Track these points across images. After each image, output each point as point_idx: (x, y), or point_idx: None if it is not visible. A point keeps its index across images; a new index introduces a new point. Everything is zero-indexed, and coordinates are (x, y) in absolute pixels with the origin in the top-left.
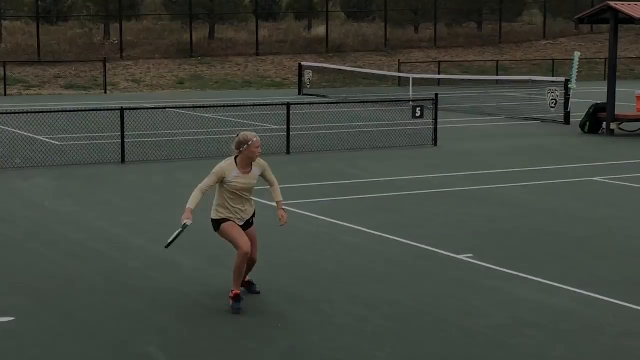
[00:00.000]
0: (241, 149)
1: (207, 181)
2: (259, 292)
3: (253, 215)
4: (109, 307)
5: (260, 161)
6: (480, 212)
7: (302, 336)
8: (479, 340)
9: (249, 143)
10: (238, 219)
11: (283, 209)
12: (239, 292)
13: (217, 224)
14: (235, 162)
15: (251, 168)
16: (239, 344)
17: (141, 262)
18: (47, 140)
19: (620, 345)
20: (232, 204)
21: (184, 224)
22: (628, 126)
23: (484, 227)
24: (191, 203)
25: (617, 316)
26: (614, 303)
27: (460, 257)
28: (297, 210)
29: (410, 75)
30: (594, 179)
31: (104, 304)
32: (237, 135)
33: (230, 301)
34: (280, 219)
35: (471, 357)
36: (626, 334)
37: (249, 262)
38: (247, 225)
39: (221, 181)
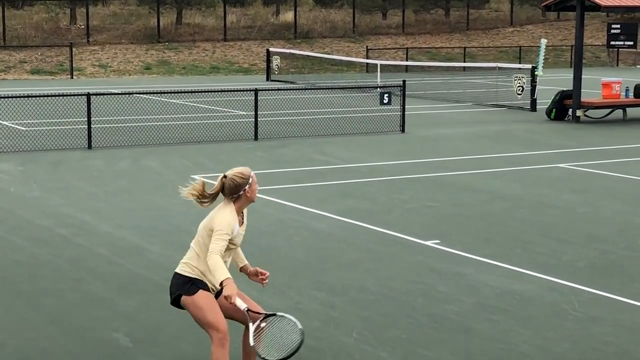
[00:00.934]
0: (241, 193)
1: (223, 244)
2: None
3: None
4: (76, 293)
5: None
6: (447, 199)
7: None
8: (446, 325)
9: (250, 181)
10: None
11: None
12: None
13: (193, 285)
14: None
15: (243, 214)
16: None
17: (108, 248)
18: (13, 125)
19: (584, 331)
20: None
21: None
22: (594, 113)
23: (451, 214)
24: (225, 271)
25: (582, 302)
26: (578, 289)
27: (427, 243)
28: (265, 197)
29: (378, 62)
30: (560, 165)
31: (71, 290)
32: (224, 178)
33: None
34: (262, 277)
35: (437, 342)
36: (590, 319)
37: (248, 349)
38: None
39: None
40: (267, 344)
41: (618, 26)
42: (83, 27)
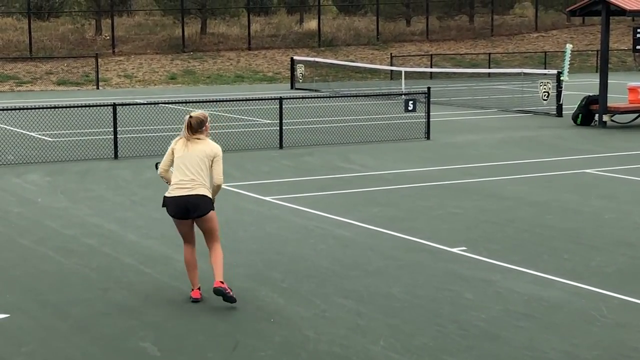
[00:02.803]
0: (203, 128)
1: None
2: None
3: None
4: (103, 302)
5: None
6: (473, 205)
7: (296, 330)
8: (473, 332)
9: (208, 119)
10: None
11: None
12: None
13: (212, 205)
14: None
15: None
16: (233, 338)
17: (135, 257)
18: (40, 136)
19: (613, 337)
20: None
21: None
22: (620, 118)
23: (477, 220)
24: None
25: (610, 308)
26: (607, 295)
27: (454, 250)
28: (291, 205)
29: (403, 69)
30: (587, 171)
31: (98, 299)
32: (190, 117)
33: (229, 291)
34: None
35: (465, 349)
36: (619, 325)
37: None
38: None
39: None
40: None
41: None
42: (108, 37)
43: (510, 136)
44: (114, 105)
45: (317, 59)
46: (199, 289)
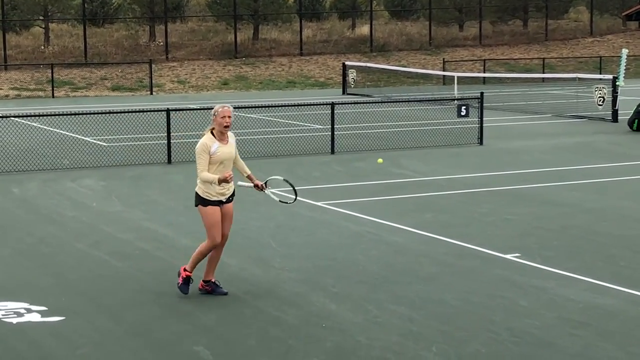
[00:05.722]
0: (212, 120)
1: (203, 161)
2: (226, 293)
3: (233, 193)
4: (157, 306)
5: (231, 133)
6: (527, 211)
7: (348, 336)
8: (526, 339)
9: (216, 113)
10: (221, 194)
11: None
12: (191, 274)
13: (199, 200)
14: (213, 135)
15: (227, 138)
16: (285, 343)
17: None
18: (95, 141)
19: None
20: None
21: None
22: None
23: (531, 226)
24: (212, 175)
25: None
26: None
27: (507, 256)
28: (342, 210)
29: (455, 74)
30: None
31: (152, 303)
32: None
33: (180, 280)
34: (259, 186)
35: (518, 357)
36: None
37: (222, 240)
38: (227, 201)
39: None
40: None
41: None
42: (162, 43)
43: (564, 142)
44: (168, 111)
45: (369, 64)
46: (209, 281)
